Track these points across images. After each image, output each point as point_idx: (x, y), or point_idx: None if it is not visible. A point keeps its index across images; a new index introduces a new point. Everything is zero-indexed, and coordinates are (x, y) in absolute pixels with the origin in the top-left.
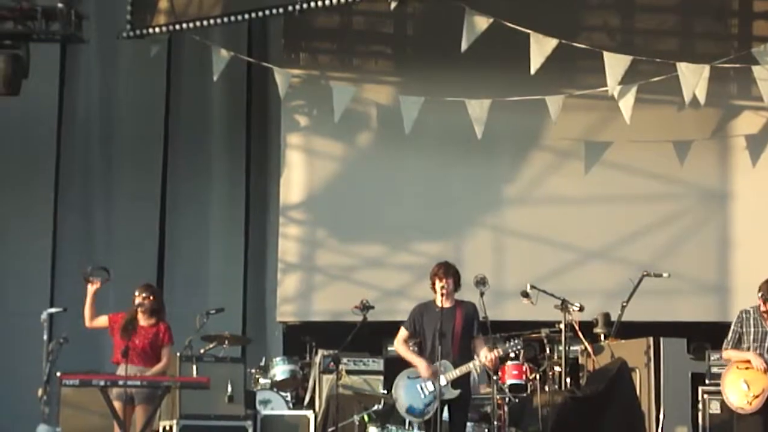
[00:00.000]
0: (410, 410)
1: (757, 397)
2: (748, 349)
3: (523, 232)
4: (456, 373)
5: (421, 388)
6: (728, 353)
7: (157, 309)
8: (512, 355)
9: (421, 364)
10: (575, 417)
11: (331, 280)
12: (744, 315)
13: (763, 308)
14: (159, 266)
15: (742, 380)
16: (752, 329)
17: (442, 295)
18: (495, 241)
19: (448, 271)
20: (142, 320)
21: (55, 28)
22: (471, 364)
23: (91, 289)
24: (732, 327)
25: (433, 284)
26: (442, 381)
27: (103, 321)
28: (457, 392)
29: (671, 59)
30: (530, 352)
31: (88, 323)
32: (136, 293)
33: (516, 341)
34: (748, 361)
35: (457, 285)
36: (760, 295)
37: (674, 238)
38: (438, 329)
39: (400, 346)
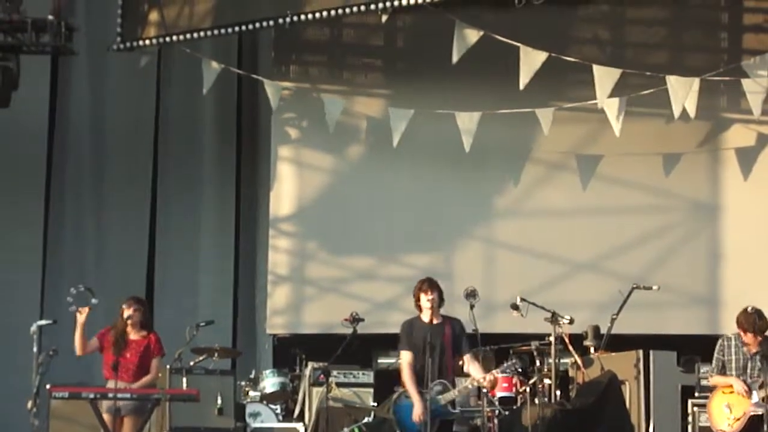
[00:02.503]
0: (407, 429)
1: (737, 420)
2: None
3: (514, 245)
4: (455, 393)
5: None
6: (714, 380)
7: (146, 321)
8: (509, 373)
9: (417, 408)
10: (565, 430)
11: (321, 292)
12: (725, 342)
13: (743, 337)
14: (149, 278)
15: (725, 404)
16: (734, 357)
17: (430, 309)
18: (485, 253)
19: (432, 285)
20: (132, 334)
21: (45, 40)
22: (468, 385)
23: (80, 319)
24: (715, 355)
25: (418, 300)
26: (441, 402)
27: (93, 345)
28: (456, 411)
29: (661, 72)
30: (521, 363)
31: (79, 352)
32: (125, 306)
33: (513, 362)
34: (732, 386)
35: (441, 300)
36: (739, 325)
37: (664, 250)
38: (429, 343)
39: (407, 374)
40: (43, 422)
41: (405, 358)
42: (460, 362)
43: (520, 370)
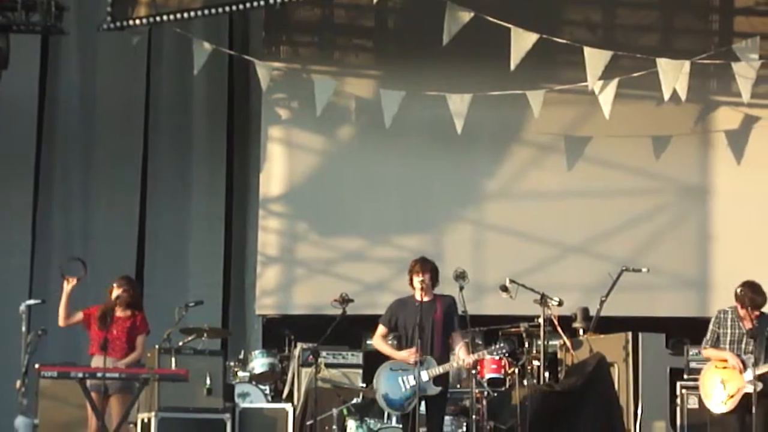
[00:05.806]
0: (389, 402)
1: (731, 397)
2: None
3: (503, 227)
4: (439, 370)
5: (402, 382)
6: (707, 352)
7: (134, 301)
8: (496, 357)
9: (400, 355)
10: (553, 411)
11: (311, 273)
12: (722, 315)
13: (740, 311)
14: (139, 259)
15: (719, 379)
16: (729, 330)
17: (421, 290)
18: (475, 235)
19: (425, 266)
20: (119, 311)
21: (35, 19)
22: (453, 363)
23: (67, 287)
24: (710, 327)
25: (411, 280)
26: (424, 377)
27: (77, 317)
28: (438, 389)
29: (652, 55)
30: (509, 347)
31: (62, 322)
32: (115, 285)
33: (501, 345)
34: (726, 360)
35: (435, 280)
36: (737, 298)
37: (654, 233)
38: (417, 323)
39: (378, 342)
40: (31, 401)
41: (378, 330)
42: (450, 341)
43: (507, 353)
